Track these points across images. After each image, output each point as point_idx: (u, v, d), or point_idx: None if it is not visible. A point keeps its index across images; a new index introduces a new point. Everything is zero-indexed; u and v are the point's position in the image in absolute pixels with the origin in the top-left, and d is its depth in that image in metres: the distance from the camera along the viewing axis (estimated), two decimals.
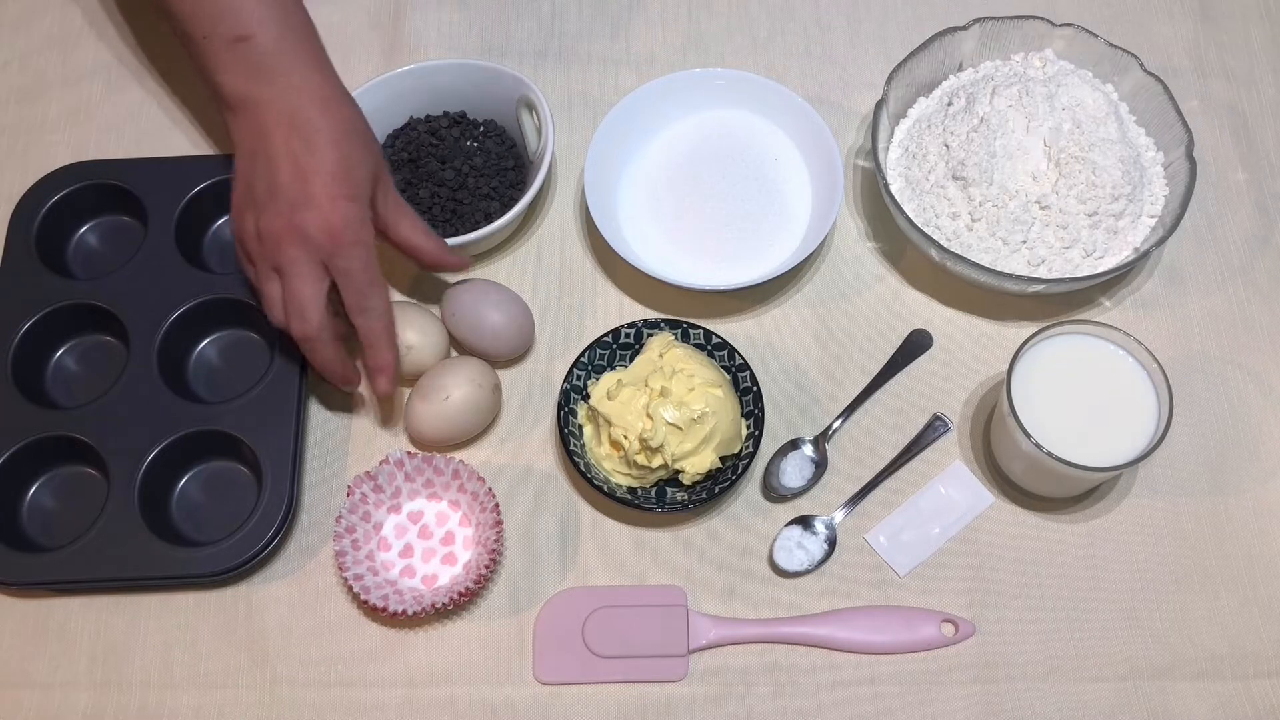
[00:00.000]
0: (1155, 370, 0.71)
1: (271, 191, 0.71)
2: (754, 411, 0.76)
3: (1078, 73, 0.85)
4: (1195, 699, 0.72)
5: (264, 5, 0.74)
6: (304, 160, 0.71)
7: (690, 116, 0.89)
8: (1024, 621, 0.74)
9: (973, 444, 0.79)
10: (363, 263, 0.72)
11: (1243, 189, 0.88)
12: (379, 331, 0.74)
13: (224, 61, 0.74)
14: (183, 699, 0.73)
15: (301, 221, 0.70)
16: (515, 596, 0.75)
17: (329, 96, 0.74)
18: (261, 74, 0.73)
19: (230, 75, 0.74)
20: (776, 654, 0.73)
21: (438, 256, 0.77)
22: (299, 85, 0.73)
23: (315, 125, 0.72)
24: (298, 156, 0.71)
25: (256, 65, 0.73)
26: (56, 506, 0.77)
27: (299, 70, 0.73)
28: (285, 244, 0.71)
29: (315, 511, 0.78)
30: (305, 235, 0.70)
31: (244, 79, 0.73)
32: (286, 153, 0.71)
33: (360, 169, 0.72)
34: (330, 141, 0.71)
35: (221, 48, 0.73)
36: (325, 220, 0.70)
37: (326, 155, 0.71)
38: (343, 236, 0.71)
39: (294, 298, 0.72)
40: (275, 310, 0.74)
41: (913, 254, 0.86)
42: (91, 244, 0.86)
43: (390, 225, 0.75)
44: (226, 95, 0.74)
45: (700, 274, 0.83)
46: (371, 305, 0.73)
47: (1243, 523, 0.76)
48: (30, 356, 0.80)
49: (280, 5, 0.75)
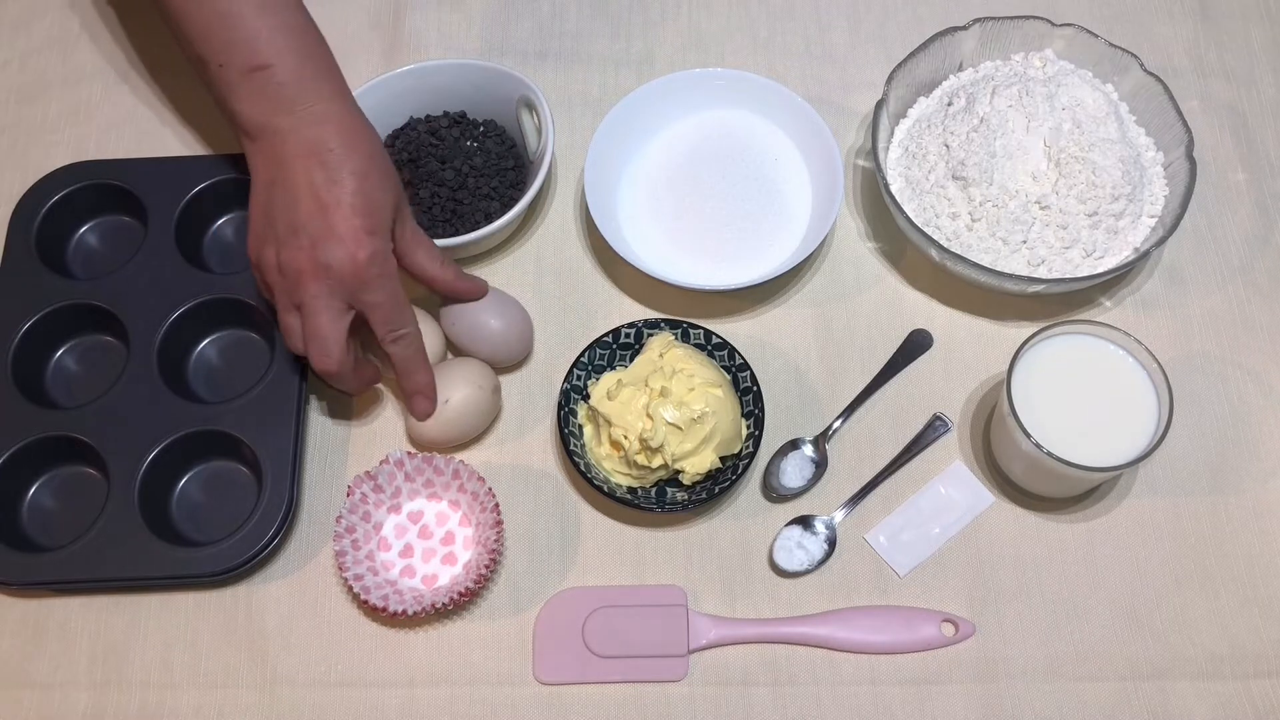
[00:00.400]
0: (1155, 370, 0.71)
1: (293, 226, 0.70)
2: (754, 411, 0.76)
3: (1078, 73, 0.85)
4: (1195, 699, 0.72)
5: (281, 34, 0.72)
6: (326, 193, 0.70)
7: (690, 116, 0.89)
8: (1024, 621, 0.74)
9: (973, 444, 0.79)
10: (389, 294, 0.72)
11: (1243, 189, 0.88)
12: (412, 357, 0.74)
13: (241, 91, 0.72)
14: (183, 699, 0.73)
15: (325, 258, 0.69)
16: (515, 596, 0.75)
17: (350, 127, 0.72)
18: (281, 104, 0.71)
19: (248, 104, 0.72)
20: (776, 654, 0.73)
21: (453, 285, 0.77)
22: (320, 115, 0.72)
23: (337, 157, 0.70)
24: (319, 189, 0.70)
25: (275, 95, 0.72)
26: (56, 506, 0.77)
27: (320, 100, 0.72)
28: (308, 280, 0.70)
29: (315, 511, 0.78)
30: (329, 271, 0.69)
31: (262, 108, 0.72)
32: (307, 185, 0.70)
33: (382, 201, 0.72)
34: (353, 174, 0.70)
35: (238, 77, 0.72)
36: (350, 256, 0.69)
37: (348, 188, 0.70)
38: (367, 272, 0.70)
39: (316, 334, 0.71)
40: (295, 341, 0.73)
41: (913, 254, 0.86)
42: (91, 244, 0.86)
43: (407, 255, 0.75)
44: (244, 123, 0.73)
45: (700, 274, 0.83)
46: (402, 333, 0.73)
47: (1243, 523, 0.76)
48: (30, 356, 0.80)
49: (298, 33, 0.73)
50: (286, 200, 0.70)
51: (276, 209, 0.71)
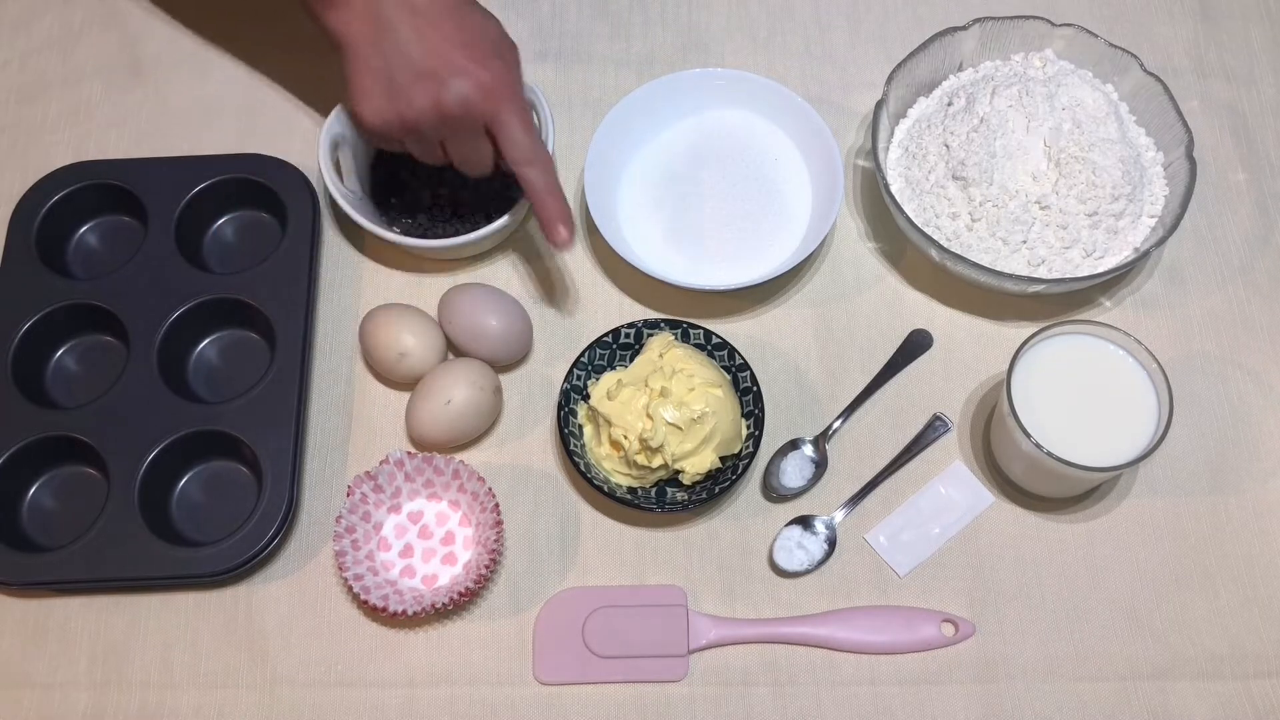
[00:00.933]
0: (1155, 370, 0.71)
1: (415, 72, 0.71)
2: (754, 411, 0.76)
3: (1078, 73, 0.85)
4: (1195, 699, 0.72)
5: None
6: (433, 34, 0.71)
7: (690, 116, 0.89)
8: (1024, 621, 0.74)
9: (973, 444, 0.79)
10: (523, 114, 0.74)
11: (1243, 189, 0.88)
12: (550, 180, 0.76)
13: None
14: (183, 699, 0.73)
15: (455, 91, 0.71)
16: (515, 596, 0.75)
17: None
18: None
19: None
20: (776, 654, 0.73)
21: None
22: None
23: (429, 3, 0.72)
24: (427, 35, 0.71)
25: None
26: (56, 506, 0.77)
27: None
28: (443, 117, 0.72)
29: (315, 511, 0.78)
30: (465, 102, 0.71)
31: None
32: (414, 32, 0.71)
33: (484, 30, 0.74)
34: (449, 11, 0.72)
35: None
36: (477, 84, 0.71)
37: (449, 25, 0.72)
38: (502, 93, 0.72)
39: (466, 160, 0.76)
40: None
41: (913, 254, 0.86)
42: (91, 244, 0.86)
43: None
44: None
45: (700, 274, 0.83)
46: (538, 154, 0.75)
47: (1243, 523, 0.77)
48: (30, 356, 0.80)
49: None
50: (398, 52, 0.71)
51: (393, 64, 0.72)
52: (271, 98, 0.92)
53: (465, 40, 0.72)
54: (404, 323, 0.78)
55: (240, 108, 0.92)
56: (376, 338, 0.78)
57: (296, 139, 0.89)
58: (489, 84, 0.72)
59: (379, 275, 0.85)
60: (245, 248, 0.86)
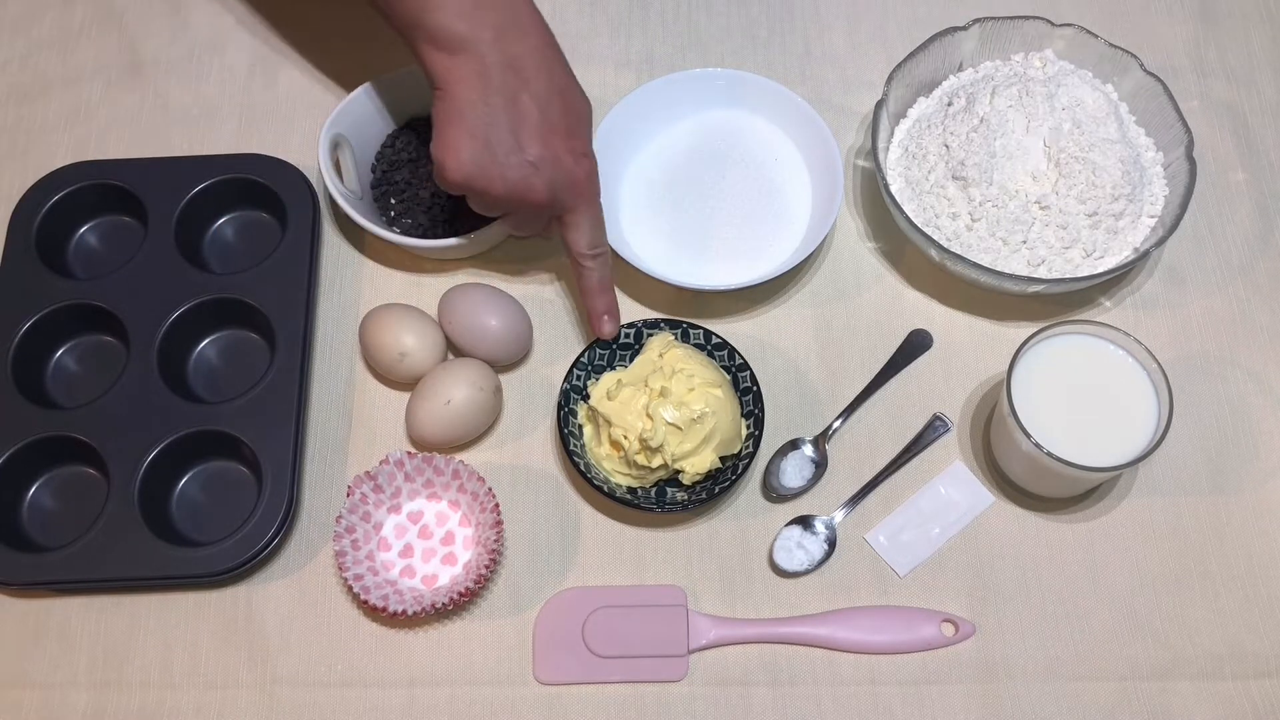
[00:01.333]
0: (1155, 370, 0.71)
1: (514, 149, 0.71)
2: (754, 411, 0.76)
3: (1078, 73, 0.85)
4: (1195, 699, 0.72)
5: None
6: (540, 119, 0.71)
7: (690, 116, 0.89)
8: (1024, 621, 0.74)
9: (973, 444, 0.79)
10: (598, 210, 0.76)
11: (1243, 189, 0.88)
12: (606, 276, 0.78)
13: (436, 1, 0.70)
14: (183, 699, 0.73)
15: (552, 182, 0.72)
16: (515, 596, 0.75)
17: (549, 43, 0.73)
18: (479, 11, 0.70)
19: (449, 13, 0.70)
20: (776, 654, 0.73)
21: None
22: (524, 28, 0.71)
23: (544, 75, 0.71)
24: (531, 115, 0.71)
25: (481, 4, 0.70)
26: (56, 506, 0.77)
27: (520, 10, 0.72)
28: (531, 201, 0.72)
29: (315, 511, 0.78)
30: (554, 193, 0.72)
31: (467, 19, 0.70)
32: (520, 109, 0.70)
33: (586, 116, 0.75)
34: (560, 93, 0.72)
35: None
36: (572, 180, 0.72)
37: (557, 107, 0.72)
38: (588, 191, 0.74)
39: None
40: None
41: (913, 254, 0.86)
42: (91, 244, 0.86)
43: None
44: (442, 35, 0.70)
45: (700, 274, 0.83)
46: (603, 249, 0.77)
47: (1243, 523, 0.77)
48: (30, 356, 0.80)
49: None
50: (501, 123, 0.70)
51: (493, 133, 0.70)
52: (271, 98, 0.92)
53: (569, 128, 0.72)
54: (404, 323, 0.78)
55: (240, 108, 0.92)
56: (376, 338, 0.78)
57: (296, 139, 0.90)
58: (580, 181, 0.73)
59: (379, 275, 0.85)
60: (245, 248, 0.86)
